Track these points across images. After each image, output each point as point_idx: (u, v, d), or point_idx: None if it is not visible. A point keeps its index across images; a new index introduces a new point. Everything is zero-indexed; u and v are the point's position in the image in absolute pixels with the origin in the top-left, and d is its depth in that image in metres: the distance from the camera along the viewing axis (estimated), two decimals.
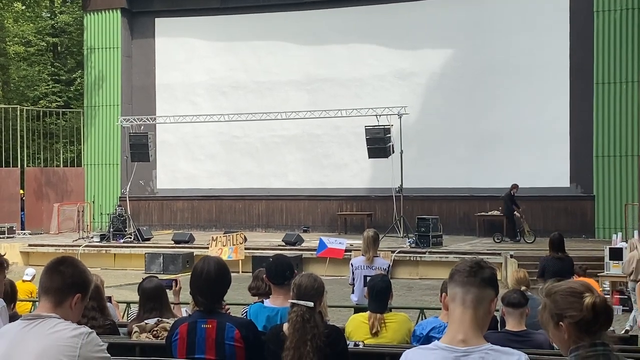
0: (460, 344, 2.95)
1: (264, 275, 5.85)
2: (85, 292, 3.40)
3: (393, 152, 23.16)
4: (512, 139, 24.55)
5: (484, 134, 24.90)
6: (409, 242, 21.77)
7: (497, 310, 7.53)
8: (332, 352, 4.64)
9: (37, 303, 4.38)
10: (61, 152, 32.99)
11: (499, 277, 18.96)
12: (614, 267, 14.78)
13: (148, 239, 24.20)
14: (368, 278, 7.52)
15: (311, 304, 4.63)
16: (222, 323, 4.63)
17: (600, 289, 13.87)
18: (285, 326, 4.67)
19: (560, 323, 2.90)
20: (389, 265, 9.75)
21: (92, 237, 24.96)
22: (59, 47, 40.67)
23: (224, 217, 28.04)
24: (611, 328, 3.10)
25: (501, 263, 19.33)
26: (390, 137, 23.15)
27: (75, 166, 31.91)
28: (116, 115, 28.37)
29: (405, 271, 20.52)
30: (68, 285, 3.33)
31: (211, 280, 4.64)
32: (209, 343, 4.61)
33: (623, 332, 11.92)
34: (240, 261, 20.42)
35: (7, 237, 25.68)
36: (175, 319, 5.55)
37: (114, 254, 23.51)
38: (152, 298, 6.23)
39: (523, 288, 7.62)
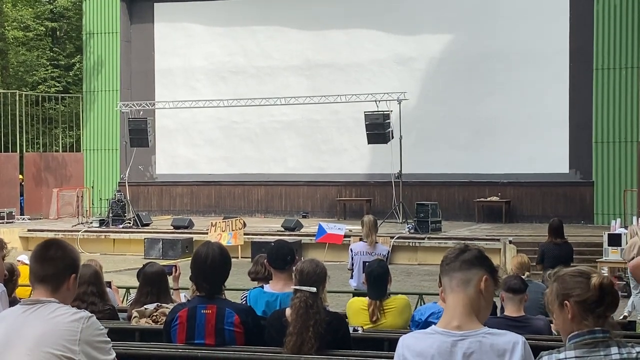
0: (456, 329, 2.96)
1: (265, 260, 5.87)
2: (77, 270, 3.43)
3: (392, 137, 23.13)
4: (511, 125, 24.53)
5: (483, 120, 24.87)
6: (408, 227, 21.78)
7: (496, 296, 7.55)
8: (333, 339, 4.65)
9: None
10: (60, 137, 32.94)
11: (497, 263, 19.01)
12: (613, 253, 14.80)
13: (147, 224, 24.20)
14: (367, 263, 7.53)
15: (314, 290, 4.64)
16: (222, 308, 4.64)
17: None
18: (288, 311, 4.68)
19: (566, 302, 2.92)
20: (388, 251, 9.78)
21: (91, 222, 24.97)
22: (57, 32, 40.52)
23: (223, 203, 28.05)
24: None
25: (500, 249, 19.36)
26: (389, 122, 23.12)
27: (74, 151, 31.88)
28: (115, 101, 28.31)
29: (404, 257, 20.54)
30: (62, 270, 3.34)
31: (216, 265, 4.66)
32: (209, 328, 4.63)
33: (621, 317, 11.95)
34: (239, 247, 20.44)
35: (7, 222, 25.68)
36: (175, 304, 5.57)
37: (113, 239, 23.52)
38: (153, 283, 6.25)
39: (527, 274, 7.65)
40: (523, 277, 7.05)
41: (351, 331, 5.30)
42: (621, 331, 6.25)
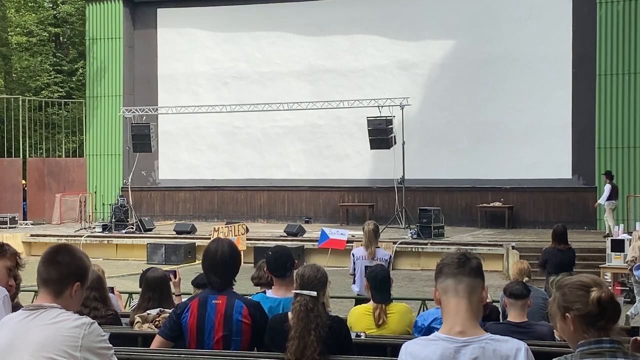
0: (459, 335, 2.96)
1: (265, 268, 5.89)
2: (83, 279, 3.40)
3: (395, 143, 23.13)
4: (514, 130, 24.53)
5: (486, 125, 24.88)
6: (410, 233, 21.76)
7: (498, 302, 7.54)
8: (334, 343, 4.65)
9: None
10: (63, 142, 33.00)
11: (500, 269, 19.01)
12: (616, 258, 14.77)
13: (150, 230, 24.21)
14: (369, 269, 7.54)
15: (314, 294, 4.65)
16: (232, 299, 4.78)
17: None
18: (290, 315, 4.69)
19: (567, 315, 2.92)
20: (390, 256, 9.75)
21: (94, 228, 24.98)
22: (61, 37, 40.64)
23: (226, 208, 28.05)
24: None
25: (503, 254, 19.35)
26: (392, 128, 23.12)
27: (77, 156, 31.92)
28: (118, 106, 28.36)
29: (406, 262, 20.52)
30: (65, 276, 3.33)
31: (226, 260, 4.81)
32: (218, 318, 4.74)
33: (624, 320, 11.94)
34: (242, 252, 20.41)
35: (10, 227, 25.69)
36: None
37: (116, 244, 23.52)
38: (155, 288, 6.25)
39: (525, 279, 7.64)
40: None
41: (353, 337, 5.30)
42: (625, 337, 6.23)
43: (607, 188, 20.55)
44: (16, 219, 26.74)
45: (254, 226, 24.30)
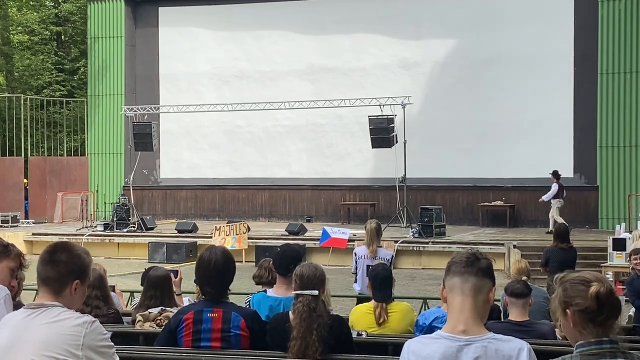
0: (462, 334, 2.96)
1: (270, 263, 5.88)
2: (83, 276, 3.37)
3: (396, 142, 23.13)
4: (515, 129, 24.51)
5: (487, 124, 24.86)
6: (412, 232, 21.76)
7: (498, 300, 7.54)
8: (335, 342, 4.65)
9: None
10: (65, 141, 33.00)
11: (501, 268, 18.99)
12: (617, 257, 14.77)
13: (151, 228, 24.21)
14: (370, 267, 7.54)
15: (316, 293, 4.65)
16: (228, 312, 4.68)
17: None
18: (292, 316, 4.68)
19: (567, 310, 2.92)
20: (392, 256, 9.75)
21: (95, 226, 25.00)
22: (62, 36, 40.64)
23: (227, 207, 28.06)
24: None
25: (504, 253, 19.34)
26: (393, 127, 23.13)
27: (78, 155, 31.93)
28: (120, 105, 28.36)
29: (408, 261, 20.52)
30: (64, 274, 3.31)
31: (219, 269, 4.70)
32: (215, 332, 4.66)
33: (627, 320, 11.93)
34: (243, 251, 20.45)
35: (11, 226, 25.71)
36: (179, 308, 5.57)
37: (118, 243, 23.55)
38: (157, 287, 6.25)
39: (524, 278, 7.63)
40: None
41: (355, 336, 5.29)
42: (625, 336, 6.22)
43: (554, 187, 21.58)
44: (18, 217, 26.76)
45: (255, 225, 24.32)
